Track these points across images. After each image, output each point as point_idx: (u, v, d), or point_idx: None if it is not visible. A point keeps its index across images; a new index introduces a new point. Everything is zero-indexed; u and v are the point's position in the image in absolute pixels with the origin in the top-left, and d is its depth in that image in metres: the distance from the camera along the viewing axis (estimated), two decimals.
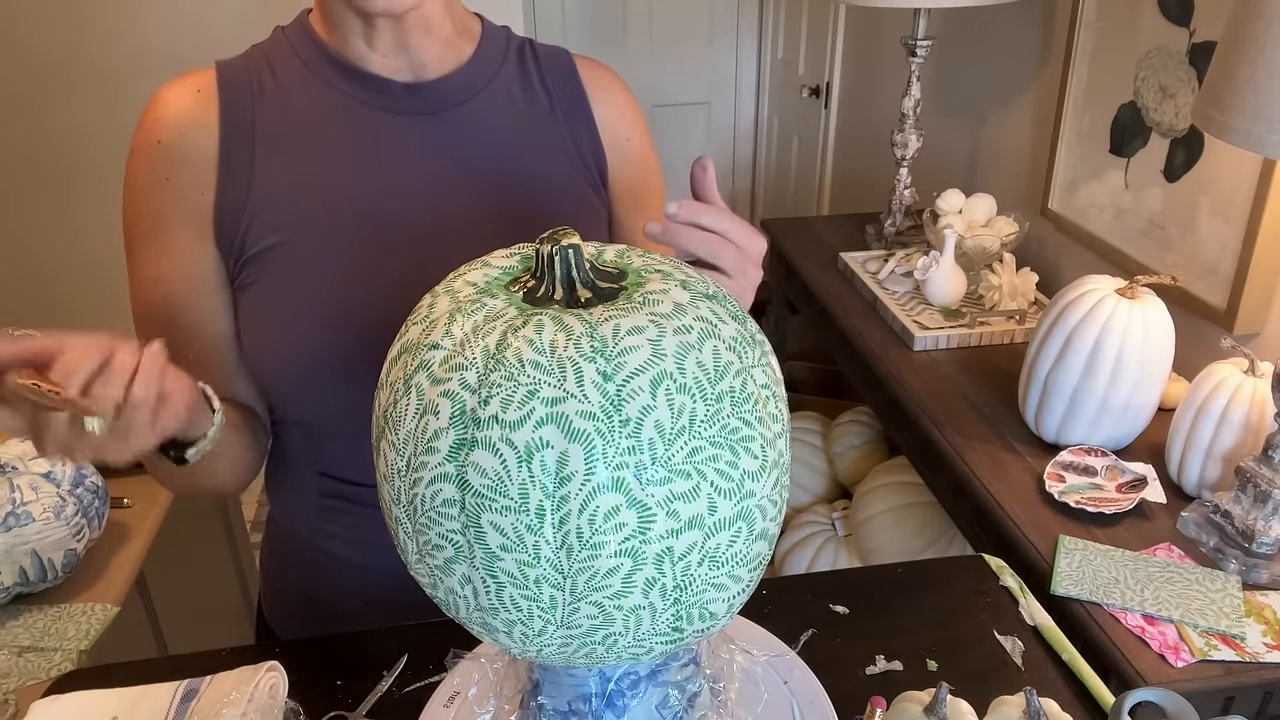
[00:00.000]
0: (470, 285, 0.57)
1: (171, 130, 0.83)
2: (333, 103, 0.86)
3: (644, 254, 0.61)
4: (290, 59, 0.87)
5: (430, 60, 0.87)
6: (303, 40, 0.87)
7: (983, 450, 1.45)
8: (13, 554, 1.26)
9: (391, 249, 0.85)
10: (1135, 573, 1.18)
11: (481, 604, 0.53)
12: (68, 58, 2.46)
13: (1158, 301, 1.34)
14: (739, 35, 3.67)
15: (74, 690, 0.81)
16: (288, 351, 0.85)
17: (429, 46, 0.86)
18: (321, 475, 0.93)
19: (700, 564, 0.52)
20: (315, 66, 0.86)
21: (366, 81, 0.86)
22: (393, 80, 0.86)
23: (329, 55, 0.86)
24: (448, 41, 0.88)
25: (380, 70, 0.86)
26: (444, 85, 0.88)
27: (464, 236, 0.85)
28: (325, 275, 0.84)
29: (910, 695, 0.68)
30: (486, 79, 0.90)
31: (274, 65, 0.87)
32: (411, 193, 0.86)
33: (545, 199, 0.90)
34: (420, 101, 0.87)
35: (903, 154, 2.11)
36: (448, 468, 0.51)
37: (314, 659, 0.85)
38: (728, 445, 0.51)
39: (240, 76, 0.86)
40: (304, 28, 0.88)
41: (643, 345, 0.50)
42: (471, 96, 0.89)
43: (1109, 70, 1.74)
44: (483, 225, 0.87)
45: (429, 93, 0.87)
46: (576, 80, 0.94)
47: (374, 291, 0.84)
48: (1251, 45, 1.06)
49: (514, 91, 0.91)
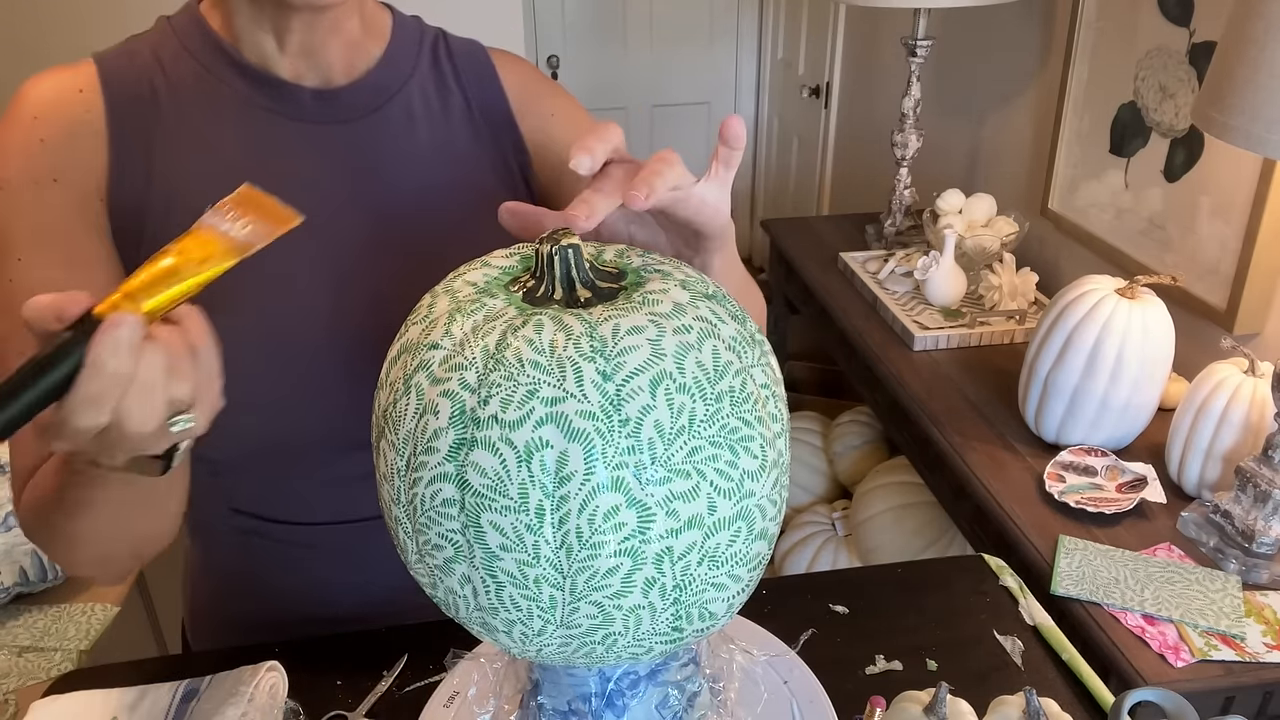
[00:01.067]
0: (470, 285, 0.57)
1: (56, 129, 0.75)
2: (234, 108, 0.78)
3: (643, 254, 0.61)
4: (181, 56, 0.78)
5: (337, 64, 0.80)
6: (194, 35, 0.78)
7: (983, 450, 1.45)
8: (13, 554, 1.26)
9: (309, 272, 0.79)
10: (1135, 573, 1.18)
11: (481, 604, 0.53)
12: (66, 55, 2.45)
13: (1158, 301, 1.34)
14: (739, 35, 3.67)
15: (74, 690, 0.80)
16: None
17: (336, 49, 0.79)
18: (237, 513, 0.87)
19: (700, 563, 0.52)
20: (212, 67, 0.78)
21: (272, 86, 0.78)
22: (300, 86, 0.79)
23: (228, 55, 0.78)
24: (354, 43, 0.81)
25: (286, 75, 0.79)
26: (353, 92, 0.81)
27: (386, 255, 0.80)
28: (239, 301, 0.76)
29: (910, 695, 0.68)
30: (399, 83, 0.83)
31: (164, 63, 0.78)
32: (322, 208, 0.78)
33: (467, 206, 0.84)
34: (330, 110, 0.80)
35: (903, 154, 2.11)
36: (447, 467, 0.51)
37: (314, 659, 0.85)
38: (727, 445, 0.51)
39: (126, 76, 0.77)
40: (196, 21, 0.79)
41: (642, 345, 0.51)
42: (384, 103, 0.82)
43: (1109, 70, 1.74)
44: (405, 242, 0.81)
45: (338, 100, 0.81)
46: (493, 75, 0.87)
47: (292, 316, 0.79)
48: (1251, 45, 1.06)
49: (429, 94, 0.85)
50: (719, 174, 0.62)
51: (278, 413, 0.80)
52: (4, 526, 1.26)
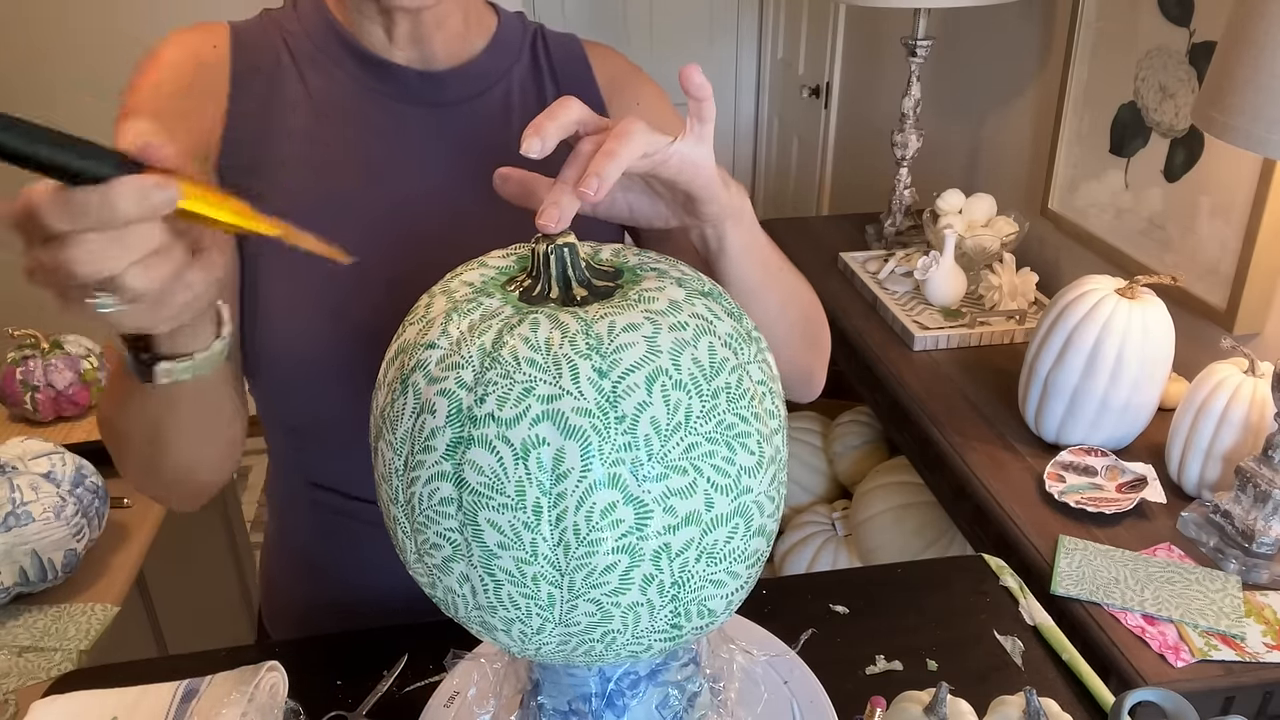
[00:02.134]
0: (467, 285, 0.57)
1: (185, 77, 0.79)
2: (346, 89, 0.83)
3: (640, 252, 0.61)
4: (302, 38, 0.83)
5: (441, 54, 0.84)
6: (315, 20, 0.83)
7: (983, 450, 1.45)
8: (13, 554, 1.26)
9: (393, 248, 0.83)
10: (1135, 573, 1.18)
11: (480, 602, 0.53)
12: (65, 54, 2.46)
13: (1158, 301, 1.34)
14: (739, 35, 3.67)
15: (74, 690, 0.80)
16: (283, 348, 0.81)
17: (440, 40, 0.83)
18: (316, 487, 0.90)
19: (698, 560, 0.52)
20: (328, 50, 0.83)
21: (380, 69, 0.83)
22: (407, 68, 0.83)
23: (342, 39, 0.83)
24: (459, 35, 0.85)
25: (394, 58, 0.83)
26: (456, 76, 0.85)
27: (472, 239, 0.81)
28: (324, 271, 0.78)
29: (910, 695, 0.68)
30: (500, 73, 0.87)
31: (287, 40, 0.83)
32: (422, 190, 0.84)
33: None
34: (433, 91, 0.84)
35: (903, 154, 2.11)
36: (445, 466, 0.51)
37: (314, 659, 0.85)
38: (724, 441, 0.51)
39: (256, 43, 0.82)
40: (318, 6, 0.84)
41: (638, 342, 0.50)
42: (484, 90, 0.86)
43: (1109, 70, 1.74)
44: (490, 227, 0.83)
45: (443, 82, 0.84)
46: (587, 68, 0.90)
47: (373, 290, 0.81)
48: (1251, 45, 1.06)
49: (527, 87, 0.88)
50: (694, 129, 0.61)
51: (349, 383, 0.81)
52: (4, 526, 1.26)
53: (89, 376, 1.77)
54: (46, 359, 1.73)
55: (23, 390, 1.72)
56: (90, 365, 1.77)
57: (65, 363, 1.74)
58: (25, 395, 1.72)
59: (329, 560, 0.93)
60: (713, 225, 0.67)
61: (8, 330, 1.77)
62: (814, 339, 0.86)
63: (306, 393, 0.84)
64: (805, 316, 0.83)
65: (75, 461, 1.37)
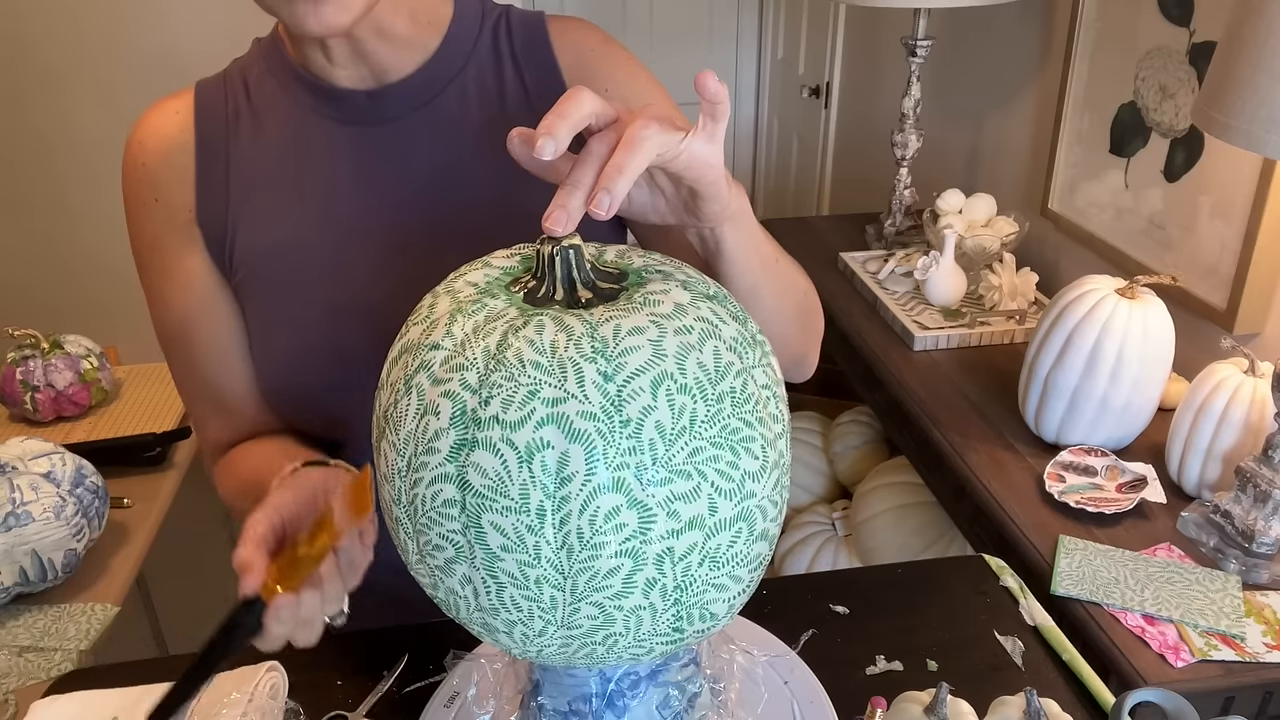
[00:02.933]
0: (471, 285, 0.57)
1: (153, 153, 0.84)
2: (300, 121, 0.84)
3: (644, 254, 0.61)
4: (264, 77, 0.85)
5: (391, 64, 0.82)
6: (274, 56, 0.85)
7: (983, 450, 1.45)
8: (13, 554, 1.26)
9: (371, 267, 0.83)
10: (1135, 573, 1.18)
11: (482, 604, 0.53)
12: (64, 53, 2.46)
13: (1158, 301, 1.34)
14: (739, 35, 3.67)
15: (74, 690, 0.81)
16: (279, 371, 0.86)
17: (387, 51, 0.81)
18: None
19: (701, 564, 0.52)
20: (284, 83, 0.84)
21: (329, 96, 0.82)
22: (356, 90, 0.82)
23: (295, 72, 0.83)
24: (406, 40, 0.82)
25: (344, 82, 0.82)
26: (404, 88, 0.83)
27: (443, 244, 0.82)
28: (308, 298, 0.84)
29: (910, 695, 0.68)
30: (452, 73, 0.84)
31: (249, 84, 0.85)
32: (386, 207, 0.83)
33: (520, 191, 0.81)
34: (382, 109, 0.83)
35: (903, 154, 2.11)
36: (448, 468, 0.51)
37: (314, 659, 0.85)
38: (728, 446, 0.51)
39: (216, 99, 0.85)
40: (275, 43, 0.85)
41: (643, 346, 0.50)
42: (438, 93, 0.83)
43: (1109, 70, 1.74)
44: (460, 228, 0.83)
45: (390, 98, 0.83)
46: (548, 48, 0.85)
47: (357, 310, 0.83)
48: (1251, 45, 1.06)
49: (486, 79, 0.84)
50: (705, 127, 0.60)
51: (343, 401, 0.85)
52: (4, 526, 1.26)
53: (89, 376, 1.77)
54: (46, 359, 1.73)
55: (23, 390, 1.72)
56: (90, 365, 1.77)
57: (65, 363, 1.74)
58: (25, 395, 1.72)
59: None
60: (711, 226, 0.66)
61: (8, 330, 1.77)
62: (808, 325, 0.85)
63: (304, 410, 0.88)
64: (800, 306, 0.81)
65: (75, 461, 1.37)
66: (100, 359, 1.80)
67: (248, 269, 0.84)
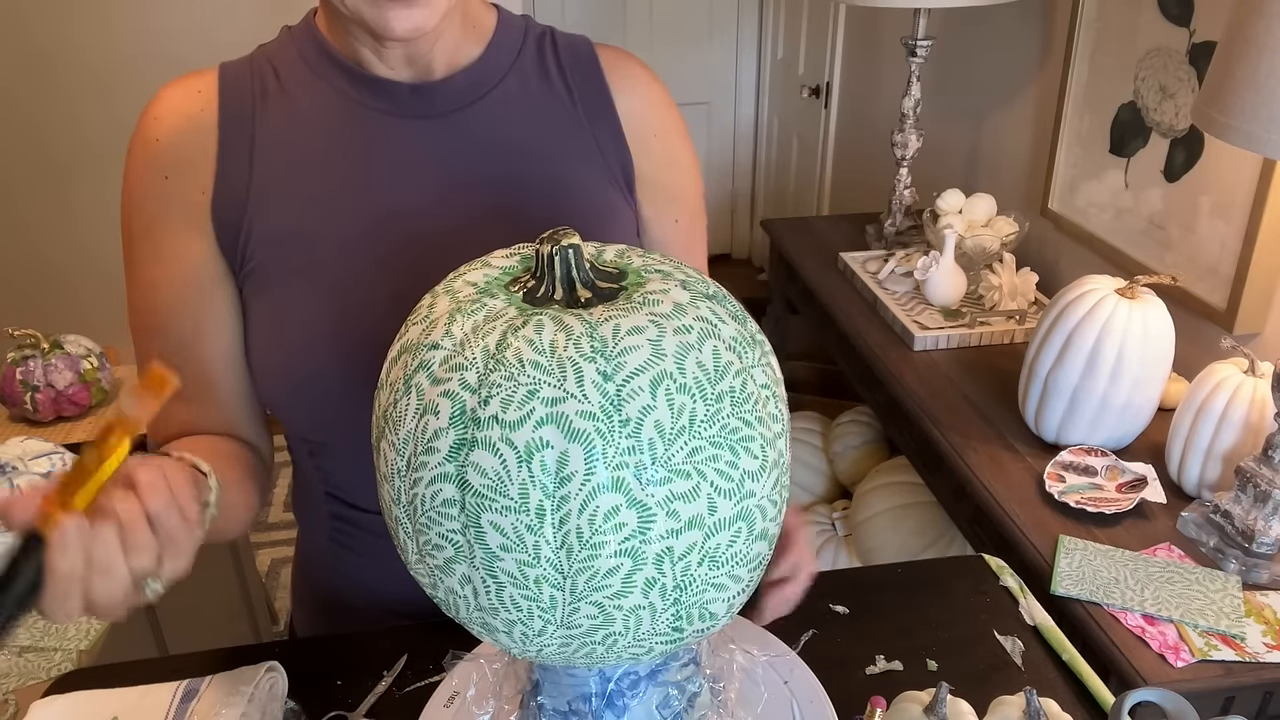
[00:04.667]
0: (470, 285, 0.57)
1: (169, 129, 0.81)
2: (337, 108, 0.83)
3: (644, 254, 0.61)
4: (296, 62, 0.84)
5: (437, 65, 0.83)
6: (308, 43, 0.84)
7: (983, 450, 1.45)
8: None
9: (396, 261, 0.82)
10: (1135, 573, 1.18)
11: (482, 604, 0.53)
12: (63, 53, 2.46)
13: (1158, 301, 1.34)
14: (739, 35, 3.67)
15: (74, 690, 0.80)
16: (289, 363, 0.82)
17: (436, 53, 0.82)
18: (331, 497, 0.91)
19: (700, 564, 0.52)
20: (320, 70, 0.83)
21: (372, 85, 0.82)
22: (399, 83, 0.82)
23: (334, 59, 0.83)
24: (455, 42, 0.84)
25: (386, 74, 0.82)
26: (451, 85, 0.83)
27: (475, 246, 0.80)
28: (328, 287, 0.81)
29: (910, 695, 0.68)
30: (498, 76, 0.85)
31: (278, 68, 0.84)
32: (419, 202, 0.83)
33: (564, 203, 0.84)
34: (427, 104, 0.83)
35: (903, 154, 2.11)
36: (448, 468, 0.51)
37: (314, 659, 0.85)
38: (728, 445, 0.51)
39: (242, 78, 0.84)
40: (309, 29, 0.84)
41: (643, 345, 0.50)
42: (482, 95, 0.85)
43: (1109, 70, 1.74)
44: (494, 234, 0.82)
45: (436, 94, 0.83)
46: (598, 71, 0.88)
47: (378, 304, 0.80)
48: (1251, 45, 1.06)
49: (530, 87, 0.86)
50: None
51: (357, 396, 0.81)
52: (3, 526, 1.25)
53: (89, 376, 1.77)
54: (46, 359, 1.73)
55: (23, 390, 1.72)
56: (90, 365, 1.77)
57: (65, 363, 1.74)
58: (25, 395, 1.72)
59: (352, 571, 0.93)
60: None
61: (8, 330, 1.77)
62: None
63: (312, 407, 0.84)
64: None
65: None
66: (100, 359, 1.80)
67: (265, 253, 0.81)
